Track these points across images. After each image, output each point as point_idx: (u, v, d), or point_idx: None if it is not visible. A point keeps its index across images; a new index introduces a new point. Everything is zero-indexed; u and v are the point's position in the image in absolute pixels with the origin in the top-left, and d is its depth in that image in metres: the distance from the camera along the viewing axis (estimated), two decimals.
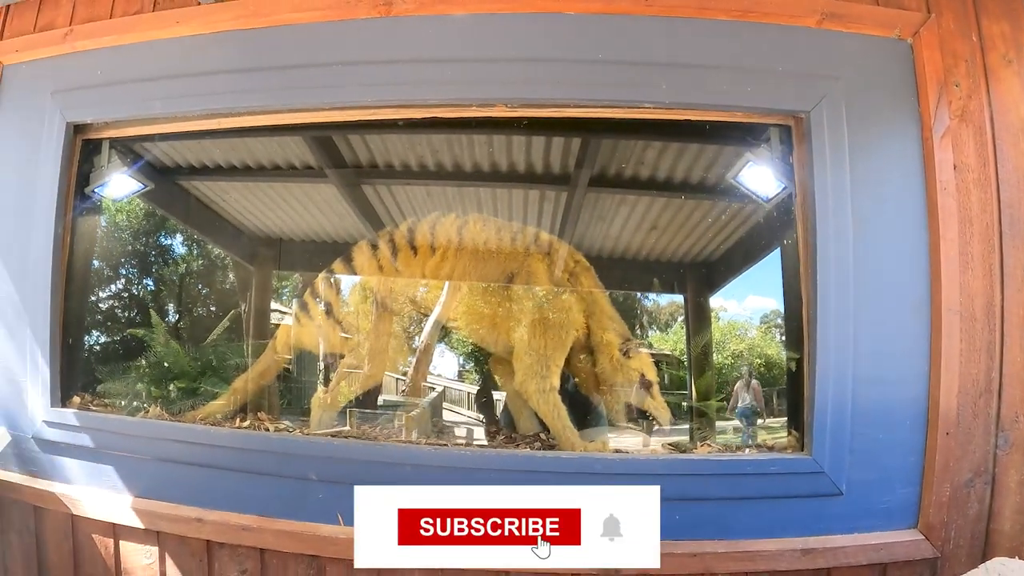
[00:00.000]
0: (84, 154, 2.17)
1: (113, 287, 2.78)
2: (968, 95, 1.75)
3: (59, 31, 2.16)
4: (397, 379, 2.54)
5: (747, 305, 2.39)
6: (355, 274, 2.34)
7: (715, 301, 2.48)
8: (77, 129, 2.13)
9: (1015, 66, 1.81)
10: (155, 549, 1.91)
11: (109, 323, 2.71)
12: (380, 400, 2.46)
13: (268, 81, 1.90)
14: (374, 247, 2.32)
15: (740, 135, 1.92)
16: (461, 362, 2.61)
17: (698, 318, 2.42)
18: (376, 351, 2.29)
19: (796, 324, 1.74)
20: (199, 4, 2.01)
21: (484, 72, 1.76)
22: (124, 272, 2.83)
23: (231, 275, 3.02)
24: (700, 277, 2.52)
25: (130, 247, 2.82)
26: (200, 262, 3.02)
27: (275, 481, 1.81)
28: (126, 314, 2.77)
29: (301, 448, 1.84)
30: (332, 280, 2.38)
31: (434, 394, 2.50)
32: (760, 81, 1.71)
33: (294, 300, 2.69)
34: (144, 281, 2.92)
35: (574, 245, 2.34)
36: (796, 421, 1.75)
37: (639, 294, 2.60)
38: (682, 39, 1.73)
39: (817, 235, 1.66)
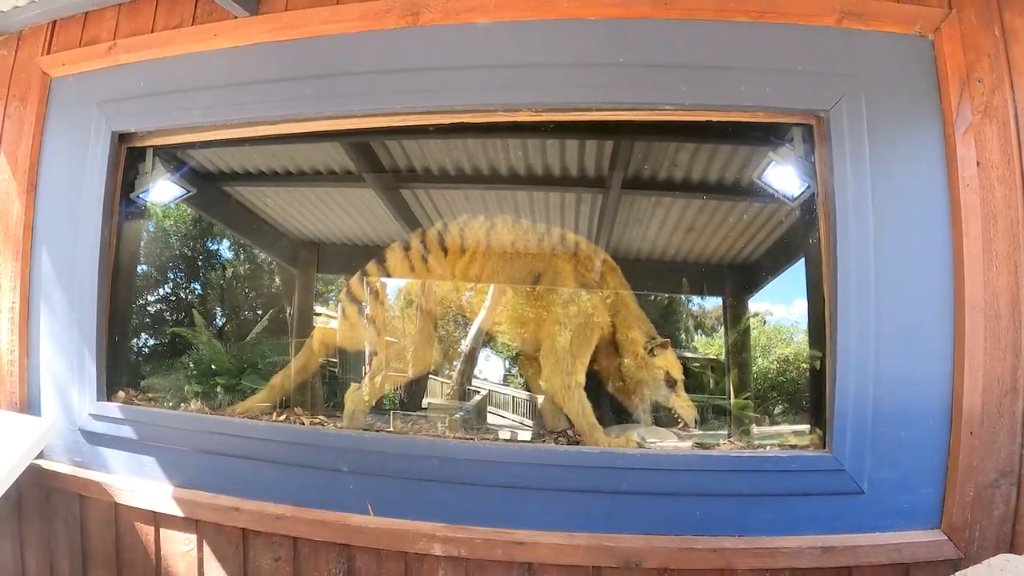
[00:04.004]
0: (129, 161, 2.38)
1: (159, 289, 3.01)
2: (991, 90, 1.81)
3: (103, 45, 2.36)
4: (442, 382, 2.68)
5: (795, 309, 2.44)
6: (388, 275, 2.50)
7: (761, 305, 2.56)
8: (122, 138, 2.33)
9: None
10: (193, 536, 2.08)
11: (154, 323, 2.94)
12: (425, 403, 2.59)
13: (302, 90, 2.07)
14: (406, 248, 2.48)
15: (764, 135, 2.01)
16: (507, 366, 2.73)
17: (737, 320, 2.51)
18: (412, 351, 2.45)
19: (820, 323, 1.82)
20: (235, 18, 2.20)
21: (508, 78, 1.88)
22: (170, 274, 3.06)
23: (274, 277, 3.22)
24: (739, 279, 2.61)
25: (176, 251, 3.05)
26: (244, 265, 3.24)
27: (308, 472, 1.96)
28: (171, 315, 3.00)
29: (331, 440, 1.99)
30: (366, 281, 2.55)
31: (478, 397, 2.63)
32: (779, 81, 1.80)
33: (335, 302, 2.87)
34: (188, 282, 3.14)
35: (611, 247, 2.48)
36: (819, 419, 1.83)
37: (683, 297, 2.70)
38: (701, 41, 1.83)
39: (838, 233, 1.74)
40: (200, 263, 3.15)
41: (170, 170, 2.53)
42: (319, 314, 2.95)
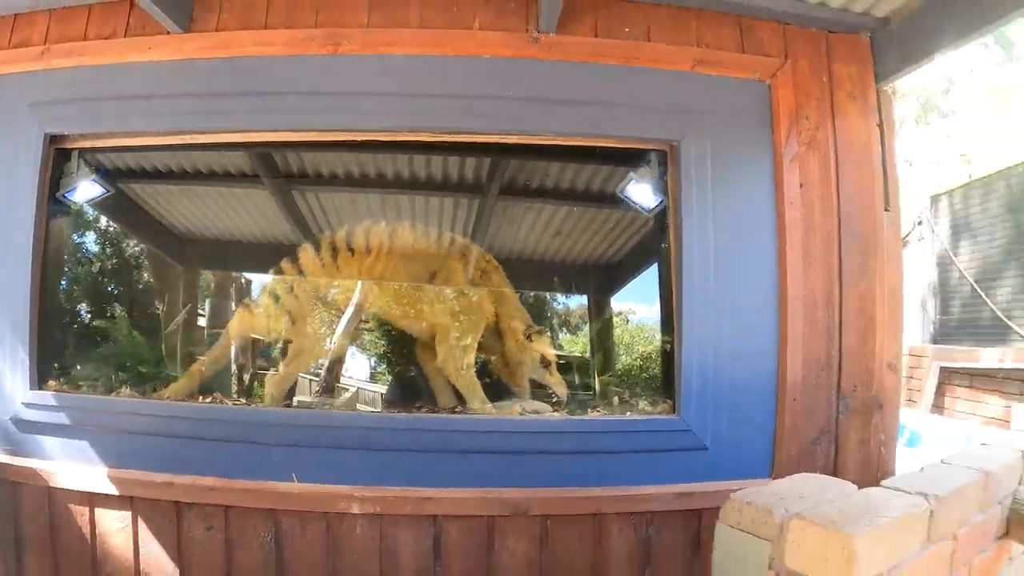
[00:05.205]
0: (55, 161, 2.54)
1: (82, 285, 3.18)
2: (816, 127, 2.31)
3: (36, 48, 2.50)
4: (310, 380, 2.99)
5: (654, 308, 2.89)
6: (301, 273, 2.82)
7: (625, 304, 3.05)
8: (53, 139, 2.50)
9: (859, 102, 2.39)
10: (128, 513, 2.28)
11: (80, 316, 3.12)
12: (294, 401, 2.86)
13: (231, 105, 2.33)
14: (317, 249, 2.82)
15: (627, 156, 2.46)
16: (373, 364, 3.09)
17: (600, 316, 2.99)
18: (314, 339, 2.81)
19: (670, 313, 2.28)
20: (169, 33, 2.44)
21: (414, 105, 2.24)
22: (92, 271, 3.22)
23: (185, 273, 3.43)
24: (603, 279, 3.10)
25: (98, 249, 3.22)
26: (157, 263, 3.43)
27: (237, 447, 2.24)
28: (95, 308, 3.18)
29: (257, 417, 2.29)
30: (277, 277, 2.85)
31: (348, 395, 2.97)
32: (640, 115, 2.25)
33: (248, 295, 3.14)
34: (111, 279, 3.32)
35: (487, 247, 2.91)
36: (670, 391, 2.29)
37: (549, 296, 3.16)
38: (576, 79, 2.25)
39: (683, 240, 2.21)
40: (120, 260, 3.32)
41: (92, 171, 2.69)
42: (237, 307, 3.19)
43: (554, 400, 2.69)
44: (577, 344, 3.21)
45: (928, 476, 1.54)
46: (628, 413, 2.42)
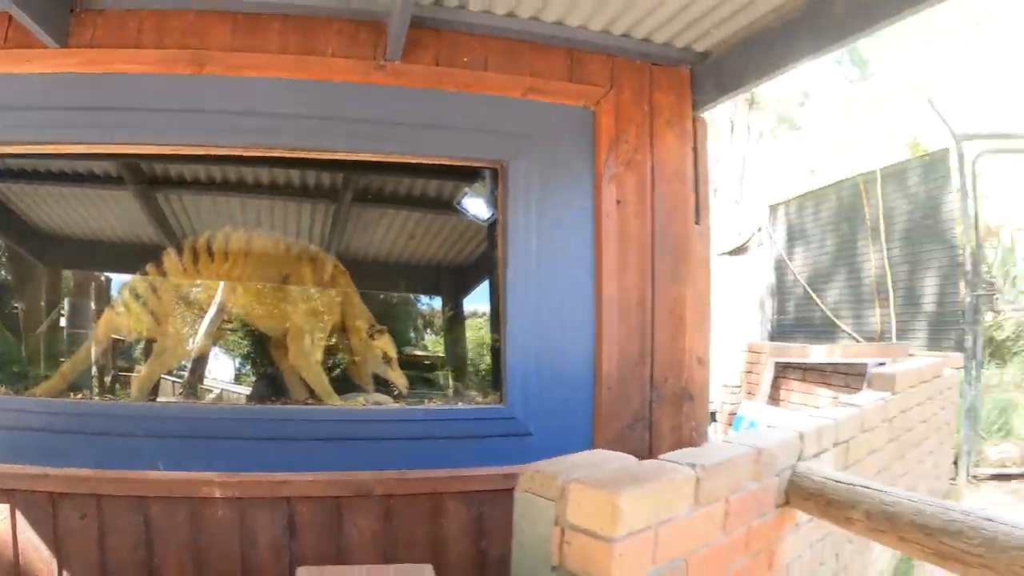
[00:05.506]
0: None
1: None
2: (635, 149, 2.65)
3: None
4: (174, 382, 3.18)
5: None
6: (164, 275, 3.03)
7: (464, 306, 3.41)
8: None
9: (676, 128, 2.73)
10: (6, 506, 2.41)
11: None
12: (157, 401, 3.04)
13: (102, 119, 2.47)
14: (180, 253, 3.04)
15: (466, 172, 2.78)
16: (237, 365, 3.34)
17: (440, 316, 3.32)
18: (177, 339, 3.07)
19: (499, 314, 2.59)
20: (46, 48, 2.59)
21: (270, 124, 2.47)
22: None
23: (51, 275, 3.55)
24: (443, 282, 3.48)
25: None
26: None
27: (108, 439, 2.43)
28: None
29: (126, 411, 2.51)
30: (143, 279, 3.05)
31: (212, 396, 3.19)
32: (475, 137, 2.54)
33: (114, 296, 3.31)
34: None
35: (342, 251, 3.21)
36: (499, 383, 2.61)
37: (395, 297, 3.49)
38: (417, 104, 2.53)
39: (508, 248, 2.52)
40: None
41: None
42: (104, 308, 3.34)
43: (396, 393, 3.00)
44: (419, 341, 3.51)
45: (703, 451, 1.80)
46: (459, 403, 2.72)
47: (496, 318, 2.62)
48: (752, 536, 1.82)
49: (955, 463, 4.30)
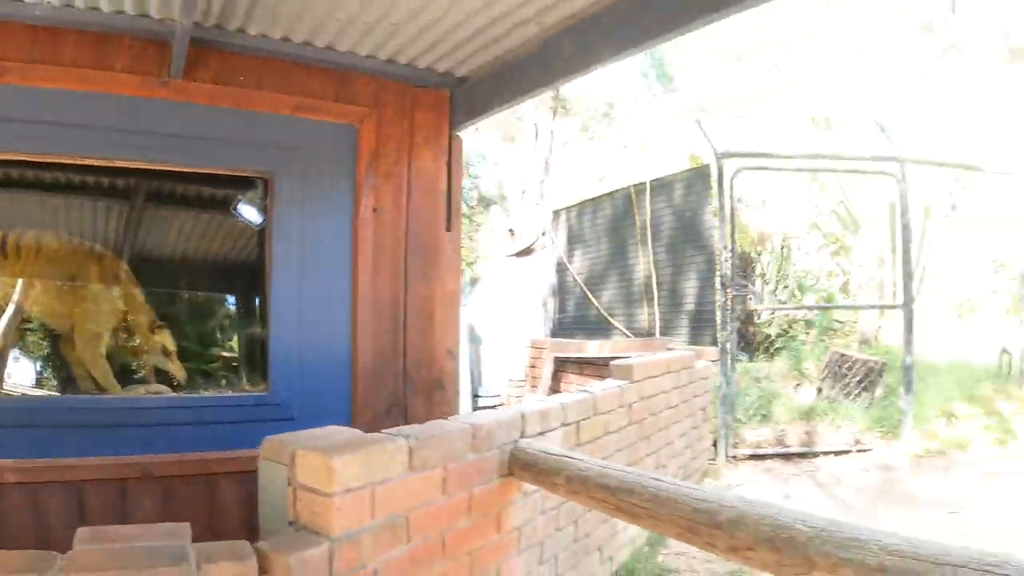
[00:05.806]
0: None
1: None
2: (394, 163, 3.12)
3: None
4: None
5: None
6: None
7: (240, 302, 3.79)
8: None
9: (433, 145, 3.25)
10: None
11: None
12: None
13: None
14: None
15: (245, 180, 3.12)
16: (39, 368, 3.57)
17: (219, 311, 3.63)
18: None
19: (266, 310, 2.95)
20: None
21: (62, 132, 2.65)
22: None
23: None
24: (223, 280, 3.86)
25: None
26: None
27: None
28: None
29: None
30: None
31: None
32: (248, 149, 3.00)
33: None
34: None
35: (130, 249, 3.50)
36: (266, 373, 2.97)
37: (179, 293, 3.78)
38: (196, 118, 2.92)
39: (274, 250, 3.04)
40: None
41: None
42: None
43: (175, 383, 3.43)
44: (201, 336, 3.80)
45: (423, 427, 2.07)
46: (231, 392, 3.03)
47: (265, 314, 2.92)
48: (475, 501, 2.08)
49: (715, 445, 4.94)
